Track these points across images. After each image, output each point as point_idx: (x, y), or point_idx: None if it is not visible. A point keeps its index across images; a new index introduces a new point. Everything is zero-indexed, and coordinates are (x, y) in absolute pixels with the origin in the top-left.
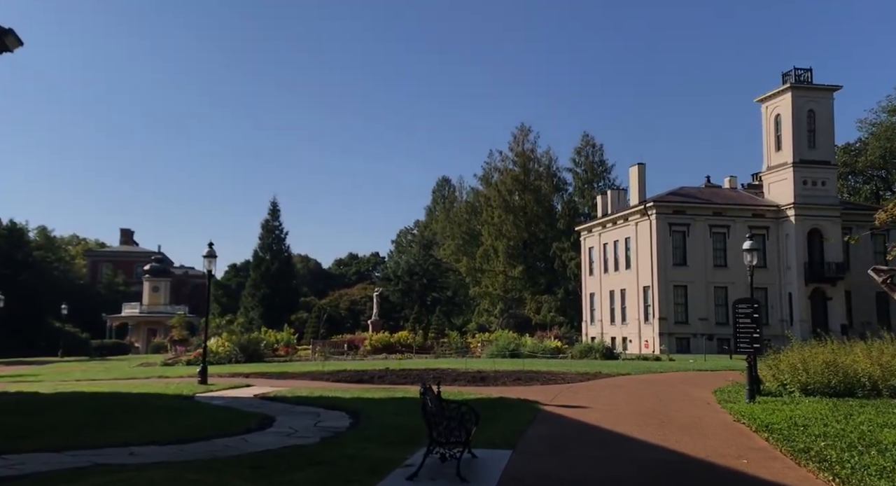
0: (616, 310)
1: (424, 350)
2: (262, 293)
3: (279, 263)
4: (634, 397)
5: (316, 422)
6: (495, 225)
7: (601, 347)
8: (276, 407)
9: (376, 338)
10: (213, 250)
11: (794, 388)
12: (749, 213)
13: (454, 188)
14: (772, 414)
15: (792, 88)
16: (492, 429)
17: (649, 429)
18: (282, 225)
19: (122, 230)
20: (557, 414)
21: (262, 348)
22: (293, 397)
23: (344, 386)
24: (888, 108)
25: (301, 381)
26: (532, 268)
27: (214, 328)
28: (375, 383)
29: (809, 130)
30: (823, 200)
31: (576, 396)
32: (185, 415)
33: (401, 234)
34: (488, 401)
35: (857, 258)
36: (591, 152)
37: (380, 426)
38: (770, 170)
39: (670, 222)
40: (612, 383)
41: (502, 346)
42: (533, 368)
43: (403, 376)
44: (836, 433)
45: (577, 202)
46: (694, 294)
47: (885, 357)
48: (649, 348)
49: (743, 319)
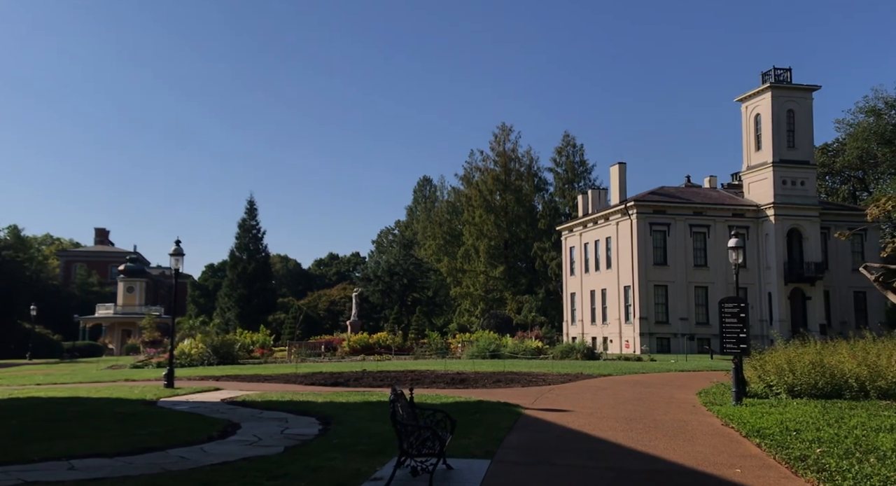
0: (597, 310)
1: (404, 351)
2: (238, 294)
3: (256, 263)
4: (618, 399)
5: (283, 429)
6: (476, 225)
7: (582, 347)
8: (244, 413)
9: (355, 339)
10: (181, 247)
11: (781, 389)
12: (729, 212)
13: (435, 188)
14: (761, 418)
15: (772, 88)
16: (469, 436)
17: (635, 435)
18: (259, 224)
19: (97, 230)
20: (539, 419)
21: (236, 349)
22: (262, 401)
23: (318, 389)
24: (865, 108)
25: (274, 384)
26: (513, 268)
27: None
28: (351, 385)
29: (789, 130)
30: (803, 200)
31: (558, 398)
32: (143, 422)
33: (381, 234)
34: (467, 405)
35: (836, 258)
36: (571, 152)
37: (351, 432)
38: (750, 170)
39: (651, 222)
40: (594, 384)
41: (483, 347)
42: (514, 369)
43: (381, 378)
44: (831, 438)
45: (558, 202)
46: (674, 294)
47: (870, 357)
48: (630, 348)
49: (729, 318)
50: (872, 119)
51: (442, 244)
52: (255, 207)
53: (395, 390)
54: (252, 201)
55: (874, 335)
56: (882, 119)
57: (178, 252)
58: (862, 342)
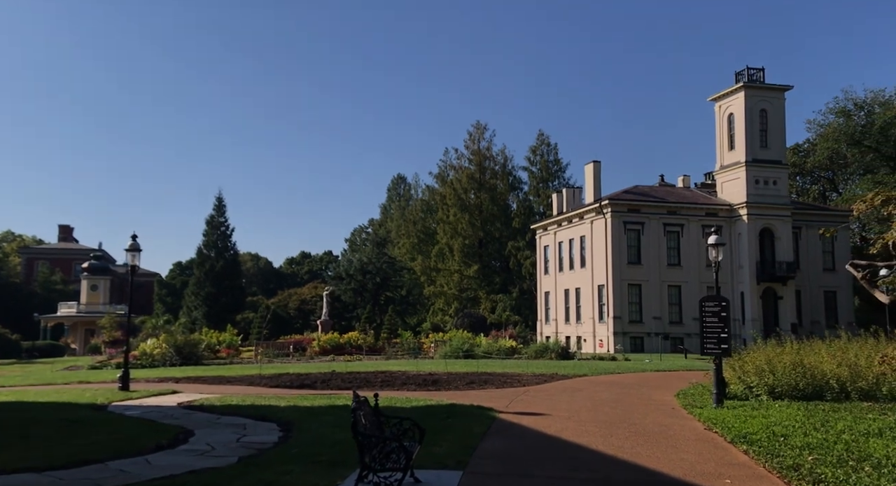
0: (571, 309)
1: (375, 351)
2: (206, 292)
3: (225, 260)
4: (595, 401)
5: (240, 437)
6: (451, 224)
7: (557, 347)
8: (200, 418)
9: (325, 339)
10: (137, 242)
11: (762, 391)
12: (702, 212)
13: (410, 186)
14: (745, 422)
15: (745, 88)
16: (440, 444)
17: (616, 441)
18: (228, 221)
19: (61, 227)
20: (514, 424)
21: (200, 350)
22: (221, 405)
23: (282, 392)
24: (836, 110)
25: (237, 386)
26: (487, 267)
27: (151, 329)
28: (318, 388)
29: (762, 130)
30: (775, 200)
31: (533, 401)
32: (88, 430)
33: (355, 232)
34: (438, 409)
35: (807, 258)
36: (546, 151)
37: (313, 440)
38: (723, 169)
39: (625, 221)
40: (569, 385)
41: (456, 346)
42: (487, 369)
43: (350, 380)
44: (820, 444)
45: (533, 201)
46: (648, 293)
47: (848, 357)
48: (603, 347)
49: (710, 318)
50: (842, 120)
51: (416, 243)
52: (224, 204)
53: (358, 397)
54: (220, 198)
55: (849, 335)
56: (851, 120)
57: (134, 247)
58: (839, 342)
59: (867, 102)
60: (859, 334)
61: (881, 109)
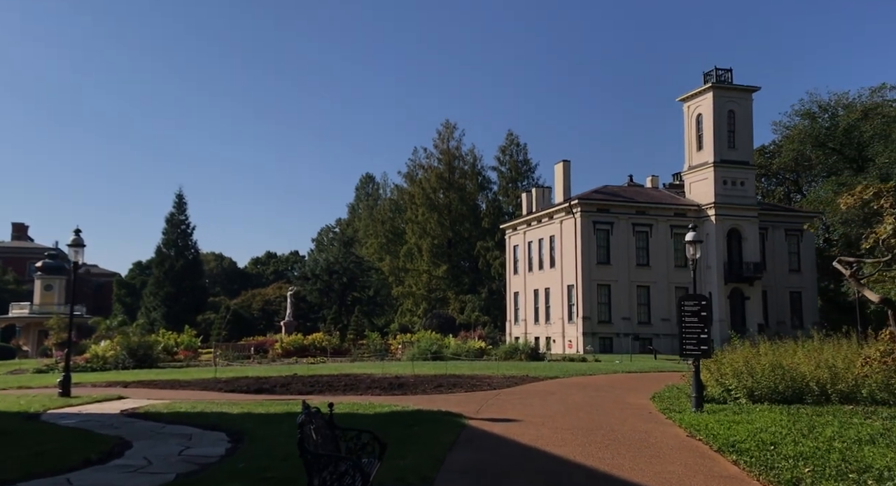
0: (540, 309)
1: (341, 353)
2: (165, 292)
3: (185, 260)
4: (569, 406)
5: (183, 449)
6: (419, 223)
7: (526, 347)
8: (142, 427)
9: (288, 340)
10: (81, 237)
11: (741, 394)
12: (671, 212)
13: (378, 186)
14: (729, 428)
15: (713, 88)
16: (405, 456)
17: (595, 450)
18: (188, 219)
19: (14, 225)
20: (485, 432)
21: (156, 352)
22: (168, 413)
23: (237, 398)
24: (801, 112)
25: (189, 391)
26: (456, 267)
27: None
28: (277, 393)
29: (730, 131)
30: (742, 201)
31: (504, 406)
32: (11, 443)
33: (322, 232)
34: (403, 416)
35: (773, 258)
36: (515, 151)
37: (264, 453)
38: (692, 169)
39: (594, 220)
40: (541, 388)
41: (424, 347)
42: (456, 371)
43: (311, 384)
44: (812, 453)
45: (502, 201)
46: (617, 293)
47: (825, 357)
48: (573, 348)
49: (689, 317)
50: (807, 122)
51: (384, 243)
52: (185, 201)
53: (308, 408)
54: (181, 195)
55: (821, 336)
56: (816, 122)
57: (77, 243)
58: (812, 343)
59: (831, 105)
60: (831, 335)
61: (844, 112)
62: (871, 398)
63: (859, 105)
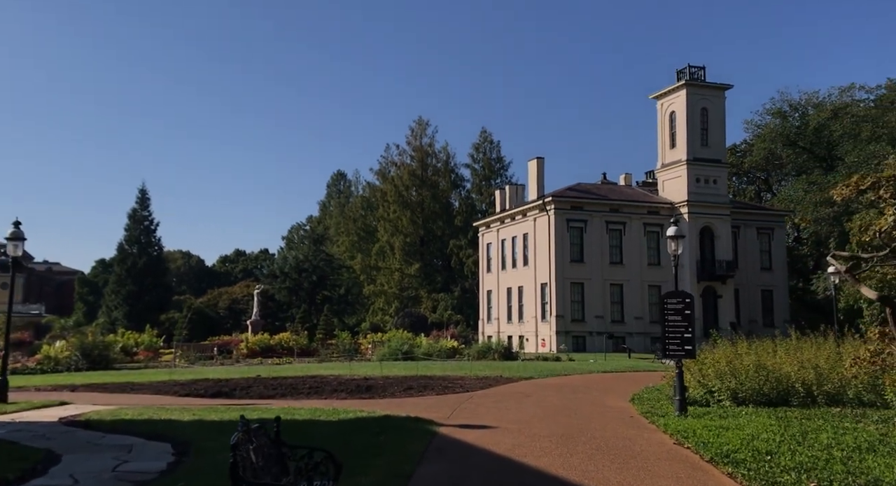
0: (513, 308)
1: (308, 353)
2: (127, 291)
3: (148, 257)
4: (546, 409)
5: (119, 464)
6: (391, 221)
7: (500, 347)
8: (79, 438)
9: (254, 340)
10: (20, 230)
11: (724, 396)
12: (644, 210)
13: (350, 183)
14: (718, 435)
15: (686, 86)
16: (367, 472)
17: (578, 461)
18: (152, 215)
19: None
20: (457, 440)
21: (113, 352)
22: (112, 420)
23: (193, 402)
24: (772, 110)
25: (142, 395)
26: (429, 265)
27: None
28: (236, 397)
29: (703, 128)
30: (715, 199)
31: (478, 410)
32: None
33: (292, 230)
34: (369, 423)
35: (745, 257)
36: (488, 148)
37: (209, 468)
38: (665, 167)
39: (568, 218)
40: (516, 390)
41: (395, 347)
42: (428, 372)
43: (274, 386)
44: (813, 463)
45: (475, 199)
46: (590, 292)
47: (806, 357)
48: (546, 347)
49: (673, 316)
50: (778, 121)
51: (356, 241)
52: (148, 197)
53: (247, 425)
54: (144, 190)
55: (798, 335)
56: (787, 121)
57: (17, 236)
58: (790, 342)
59: (801, 104)
60: (807, 334)
61: (815, 111)
62: (858, 400)
63: (829, 105)
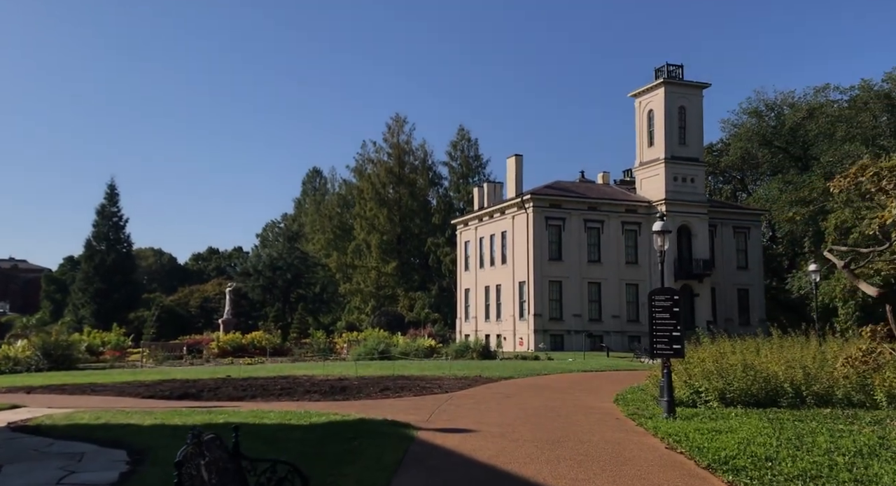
0: (491, 306)
1: (281, 353)
2: (94, 288)
3: (117, 254)
4: (529, 411)
5: (65, 475)
6: (368, 219)
7: (478, 346)
8: (25, 445)
9: (225, 339)
10: None
11: (712, 397)
12: (622, 208)
13: (325, 180)
14: (712, 439)
15: (665, 84)
16: (339, 484)
17: (566, 469)
18: (121, 211)
19: None
20: (437, 446)
21: (78, 352)
22: (65, 425)
23: (156, 405)
24: (748, 110)
25: (102, 397)
26: (406, 264)
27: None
28: (203, 398)
29: (680, 127)
30: (692, 198)
31: (458, 412)
32: None
33: (267, 227)
34: (343, 428)
35: (722, 256)
36: (466, 146)
37: (164, 480)
38: (643, 165)
39: (547, 216)
40: (497, 390)
41: (371, 346)
42: (405, 372)
43: (244, 387)
44: (817, 470)
45: (453, 197)
46: (568, 290)
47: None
48: (524, 345)
49: (661, 313)
50: (755, 120)
51: (331, 239)
52: (117, 192)
53: (197, 437)
54: (113, 185)
55: (779, 333)
56: (763, 121)
57: None
58: (774, 341)
59: (777, 104)
60: (788, 333)
61: (790, 111)
62: (848, 401)
63: (804, 105)
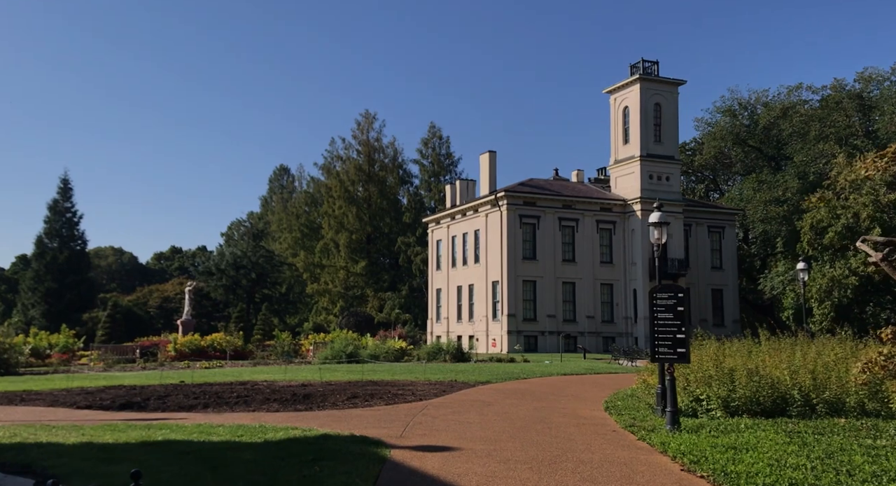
0: (463, 307)
1: (242, 356)
2: (45, 288)
3: (70, 252)
4: (515, 423)
5: None
6: (337, 217)
7: (451, 347)
8: None
9: (183, 341)
10: None
11: (715, 405)
12: (597, 206)
13: (293, 178)
14: (735, 460)
15: (640, 80)
16: None
17: None
18: (75, 207)
19: None
20: (414, 471)
21: (18, 355)
22: None
23: (91, 417)
24: (722, 108)
25: (31, 407)
26: (375, 263)
27: None
28: (149, 409)
29: (656, 124)
30: (668, 196)
31: (436, 425)
32: None
33: (232, 226)
34: (302, 446)
35: (696, 255)
36: (437, 144)
37: None
38: (618, 163)
39: (521, 214)
40: (475, 396)
41: (339, 348)
42: (375, 377)
43: (196, 395)
44: None
45: (424, 196)
46: (542, 290)
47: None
48: (497, 347)
49: (663, 313)
50: (728, 119)
51: (299, 237)
52: (71, 187)
53: None
54: (66, 180)
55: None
56: (737, 120)
57: None
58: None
59: (751, 103)
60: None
61: (764, 110)
62: (861, 409)
63: (778, 104)
